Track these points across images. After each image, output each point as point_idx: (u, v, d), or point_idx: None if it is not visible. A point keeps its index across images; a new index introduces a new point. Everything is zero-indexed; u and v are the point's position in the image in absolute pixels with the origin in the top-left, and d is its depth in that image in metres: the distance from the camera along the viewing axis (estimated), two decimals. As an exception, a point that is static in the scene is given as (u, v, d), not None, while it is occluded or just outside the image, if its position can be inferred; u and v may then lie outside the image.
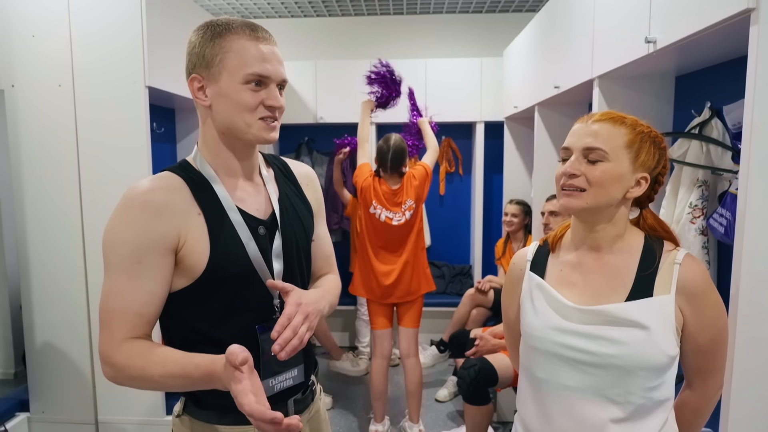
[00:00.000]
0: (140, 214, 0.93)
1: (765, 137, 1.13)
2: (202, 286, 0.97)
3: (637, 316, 0.97)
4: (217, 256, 0.96)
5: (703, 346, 1.02)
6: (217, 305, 0.99)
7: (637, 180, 1.02)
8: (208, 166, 1.02)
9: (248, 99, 0.96)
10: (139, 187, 0.96)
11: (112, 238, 0.94)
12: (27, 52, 2.13)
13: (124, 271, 0.93)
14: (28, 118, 2.16)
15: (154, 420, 2.26)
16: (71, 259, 2.19)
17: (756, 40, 1.12)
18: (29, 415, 2.30)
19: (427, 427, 2.88)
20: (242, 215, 1.01)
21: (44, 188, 2.18)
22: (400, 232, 2.72)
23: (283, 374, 1.04)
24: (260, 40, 0.98)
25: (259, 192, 1.07)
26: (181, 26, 2.44)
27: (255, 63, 0.96)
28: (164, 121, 2.88)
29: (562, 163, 1.04)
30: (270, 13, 4.16)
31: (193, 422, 1.05)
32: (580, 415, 1.01)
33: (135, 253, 0.92)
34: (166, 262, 0.95)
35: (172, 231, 0.94)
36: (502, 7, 4.13)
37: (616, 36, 1.80)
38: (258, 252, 1.01)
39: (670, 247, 1.05)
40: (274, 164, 1.16)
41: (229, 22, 0.99)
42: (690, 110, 1.81)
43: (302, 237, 1.11)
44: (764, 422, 1.21)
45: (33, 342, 2.25)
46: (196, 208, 0.98)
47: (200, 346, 0.98)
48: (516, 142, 3.74)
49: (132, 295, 0.93)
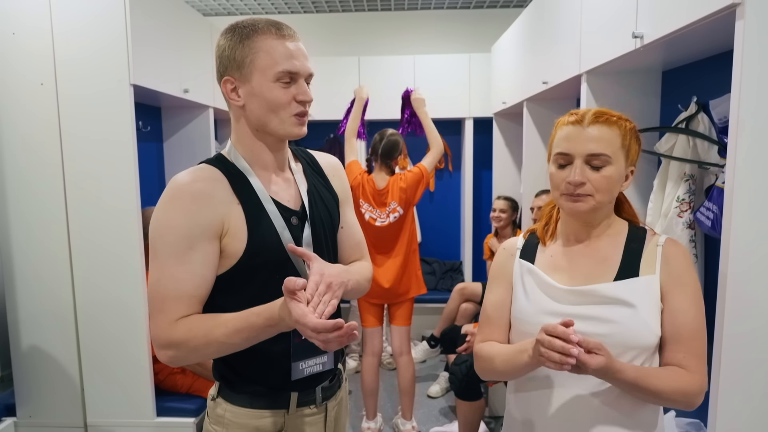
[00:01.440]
0: (189, 203, 0.99)
1: (751, 131, 1.14)
2: (239, 272, 1.03)
3: (624, 295, 1.01)
4: (254, 243, 1.02)
5: (681, 328, 1.02)
6: (253, 290, 1.04)
7: (626, 174, 1.07)
8: (242, 160, 1.08)
9: (281, 96, 1.01)
10: (184, 178, 1.02)
11: (163, 226, 0.99)
12: (7, 49, 2.08)
13: (177, 256, 0.98)
14: (11, 116, 2.11)
15: (144, 422, 2.24)
16: (56, 259, 2.15)
17: (742, 35, 1.12)
18: (16, 420, 2.27)
19: (419, 422, 2.88)
20: (277, 206, 1.07)
21: (28, 188, 2.14)
22: (386, 234, 2.67)
23: (314, 359, 1.09)
24: (286, 38, 1.02)
25: (290, 184, 1.13)
26: (167, 24, 2.41)
27: (284, 60, 1.00)
28: (151, 120, 2.84)
29: (560, 169, 1.05)
30: (257, 9, 4.13)
31: (227, 405, 1.10)
32: (571, 399, 1.04)
33: (186, 238, 0.98)
34: (214, 248, 1.01)
35: (217, 218, 1.00)
36: (489, 3, 4.13)
37: (604, 31, 1.80)
38: (291, 240, 1.06)
39: (651, 232, 1.10)
40: (302, 157, 1.21)
41: (255, 22, 1.03)
42: (677, 105, 1.82)
43: (329, 226, 1.16)
44: (751, 415, 1.22)
45: (18, 344, 2.22)
46: (235, 199, 1.03)
47: None
48: (505, 138, 3.75)
49: (184, 279, 0.98)
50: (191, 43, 2.68)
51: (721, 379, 1.22)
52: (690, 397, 1.00)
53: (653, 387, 0.98)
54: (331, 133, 4.21)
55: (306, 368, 1.09)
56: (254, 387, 1.08)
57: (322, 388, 1.15)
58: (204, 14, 4.07)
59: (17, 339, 2.21)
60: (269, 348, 1.03)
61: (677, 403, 1.01)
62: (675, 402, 1.01)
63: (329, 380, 1.17)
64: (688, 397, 1.00)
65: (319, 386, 1.14)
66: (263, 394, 1.07)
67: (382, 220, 2.67)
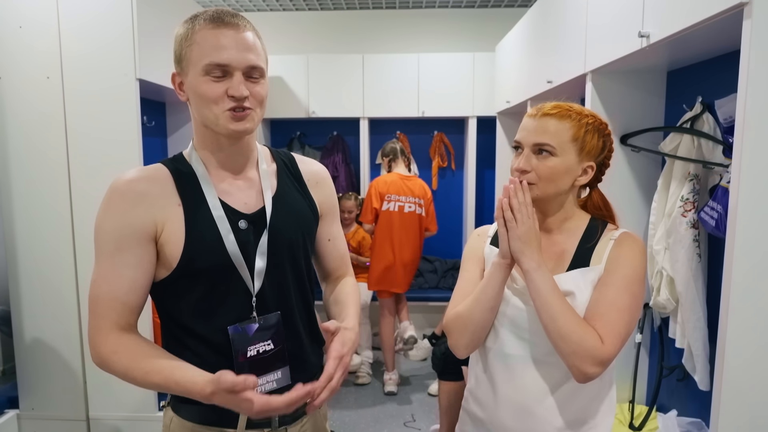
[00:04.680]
0: (119, 204, 0.96)
1: (757, 131, 1.14)
2: (180, 277, 0.98)
3: (566, 285, 1.05)
4: (192, 246, 0.96)
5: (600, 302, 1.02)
6: (196, 298, 0.99)
7: (584, 169, 1.08)
8: (198, 158, 1.03)
9: (208, 90, 0.94)
10: (122, 177, 0.98)
11: (97, 227, 0.97)
12: (14, 43, 2.09)
13: (108, 258, 0.95)
14: (16, 110, 2.12)
15: (145, 416, 2.25)
16: (60, 254, 2.17)
17: (749, 35, 1.12)
18: (19, 412, 2.28)
19: (419, 420, 2.90)
20: (224, 208, 1.00)
21: (33, 182, 2.15)
22: (409, 221, 3.15)
23: (264, 377, 1.01)
24: (222, 27, 0.94)
25: (251, 186, 1.05)
26: (173, 17, 2.41)
27: (212, 52, 0.93)
28: (155, 115, 2.85)
29: (516, 155, 1.10)
30: (262, 6, 4.13)
31: (173, 415, 1.05)
32: (522, 381, 1.09)
33: (116, 240, 0.95)
34: (147, 251, 0.96)
35: (148, 220, 0.96)
36: (494, 2, 4.13)
37: (609, 30, 1.80)
38: (236, 245, 0.99)
39: (612, 228, 1.13)
40: (281, 160, 1.14)
41: (198, 14, 0.97)
42: (681, 105, 1.82)
43: (296, 234, 1.07)
44: (753, 415, 1.22)
45: (22, 338, 2.23)
46: (176, 199, 0.98)
47: (186, 340, 1.00)
48: (508, 137, 3.74)
49: (115, 283, 0.95)
50: (196, 39, 2.69)
51: (723, 378, 1.22)
52: (586, 352, 0.96)
53: (558, 310, 0.98)
54: (335, 130, 4.21)
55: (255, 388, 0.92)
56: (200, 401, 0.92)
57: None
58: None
59: (21, 333, 2.22)
60: (216, 362, 0.95)
61: (570, 353, 0.98)
62: (568, 350, 0.98)
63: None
64: (584, 350, 0.96)
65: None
66: (210, 409, 0.92)
67: (409, 206, 3.15)
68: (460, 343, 1.12)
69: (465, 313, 1.10)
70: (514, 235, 1.02)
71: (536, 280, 1.01)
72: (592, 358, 0.97)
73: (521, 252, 1.02)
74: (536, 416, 1.07)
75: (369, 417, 2.94)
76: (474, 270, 1.19)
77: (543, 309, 1.00)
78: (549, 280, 1.01)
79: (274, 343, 1.03)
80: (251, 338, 1.01)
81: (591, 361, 0.97)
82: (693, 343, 1.68)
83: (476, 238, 1.25)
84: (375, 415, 2.96)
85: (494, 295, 1.07)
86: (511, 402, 1.10)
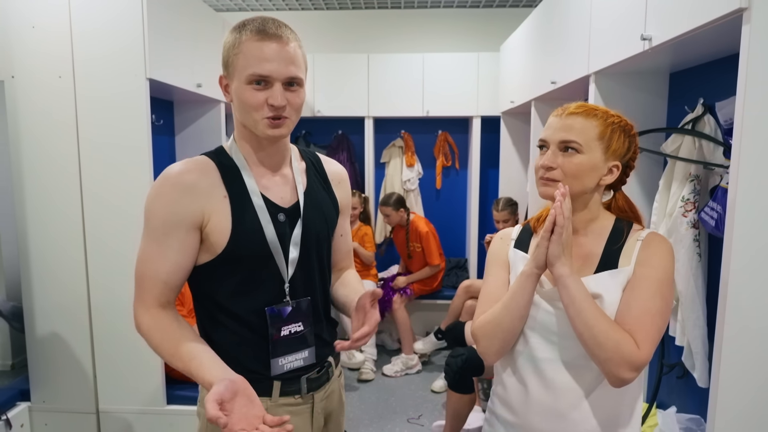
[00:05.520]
0: (170, 193, 1.04)
1: (755, 133, 1.16)
2: (223, 262, 1.06)
3: (593, 287, 1.04)
4: (237, 235, 1.05)
5: (632, 303, 1.01)
6: (235, 281, 1.08)
7: (609, 168, 1.08)
8: (239, 154, 1.12)
9: (250, 98, 1.02)
10: (175, 168, 1.07)
11: (147, 210, 1.05)
12: (27, 42, 2.13)
13: (155, 240, 1.04)
14: (29, 109, 2.16)
15: (155, 409, 2.29)
16: (71, 249, 2.20)
17: (748, 39, 1.15)
18: (30, 405, 2.32)
19: (422, 417, 2.93)
20: (265, 201, 1.09)
21: (44, 179, 2.19)
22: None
23: (294, 354, 1.12)
24: (266, 39, 1.01)
25: (287, 183, 1.15)
26: (181, 18, 2.45)
27: (256, 63, 1.00)
28: (163, 113, 2.88)
29: (541, 154, 1.10)
30: (268, 6, 4.16)
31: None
32: (552, 384, 1.08)
33: (163, 226, 1.03)
34: (192, 237, 1.05)
35: (196, 210, 1.04)
36: (499, 3, 4.15)
37: (613, 33, 1.83)
38: (275, 236, 1.08)
39: (638, 228, 1.12)
40: (308, 159, 1.23)
41: (245, 23, 1.05)
42: (683, 106, 1.84)
43: (323, 228, 1.18)
44: (750, 411, 1.25)
45: (34, 333, 2.27)
46: (222, 191, 1.07)
47: (222, 318, 1.10)
48: (512, 137, 3.77)
49: (159, 264, 1.04)
50: (204, 39, 2.72)
51: (721, 375, 1.25)
52: (622, 358, 0.96)
53: (593, 316, 0.98)
54: (340, 129, 4.25)
55: (286, 364, 1.11)
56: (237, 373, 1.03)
57: (307, 379, 1.15)
58: (216, 10, 4.10)
59: (32, 328, 2.27)
60: (251, 339, 1.09)
61: (606, 360, 0.97)
62: (604, 356, 0.97)
63: (316, 371, 1.17)
64: (620, 356, 0.96)
65: (303, 377, 1.14)
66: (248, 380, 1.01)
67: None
68: (490, 350, 1.12)
69: (494, 321, 1.10)
70: (557, 240, 1.00)
71: (570, 286, 1.00)
72: (629, 364, 0.96)
73: (558, 257, 1.00)
74: (568, 420, 1.07)
75: (372, 413, 2.98)
76: (499, 274, 1.19)
77: (577, 316, 0.99)
78: (582, 287, 1.00)
79: (304, 325, 1.14)
80: (285, 319, 1.11)
81: (628, 367, 0.96)
82: (692, 340, 1.71)
83: (499, 242, 1.24)
84: (379, 412, 3.00)
85: (524, 304, 1.07)
86: (542, 406, 1.09)
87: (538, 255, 1.03)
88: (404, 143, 4.28)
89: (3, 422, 2.19)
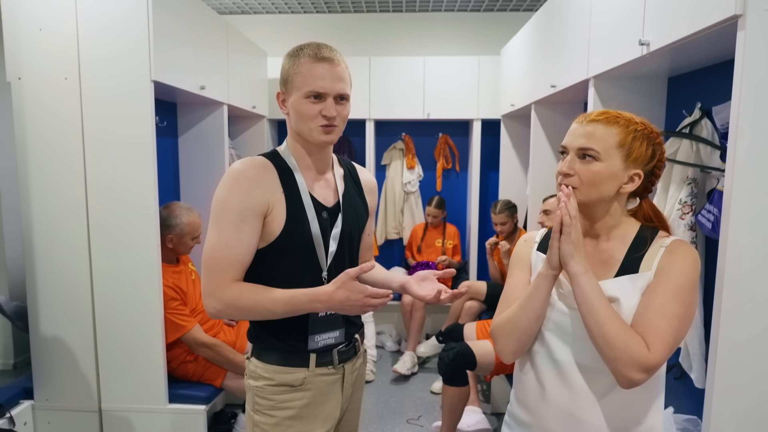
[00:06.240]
0: (245, 185, 1.21)
1: (750, 137, 1.19)
2: (274, 249, 1.25)
3: (611, 291, 1.04)
4: (289, 226, 1.25)
5: (648, 306, 1.01)
6: (281, 267, 1.27)
7: (630, 176, 1.07)
8: (292, 158, 1.31)
9: (307, 110, 1.23)
10: (243, 164, 1.24)
11: (224, 200, 1.21)
12: (34, 45, 2.16)
13: (232, 227, 1.20)
14: (35, 110, 2.19)
15: (157, 408, 2.31)
16: (76, 249, 2.22)
17: (743, 45, 1.17)
18: (33, 403, 2.34)
19: (422, 418, 2.94)
20: (312, 200, 1.28)
21: (50, 179, 2.21)
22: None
23: (327, 333, 1.32)
24: (321, 61, 1.22)
25: (329, 185, 1.35)
26: (186, 21, 2.48)
27: (312, 81, 1.21)
28: (166, 115, 2.91)
29: (562, 160, 1.11)
30: (270, 9, 4.19)
31: (258, 362, 1.32)
32: (569, 387, 1.09)
33: (240, 213, 1.20)
34: (259, 224, 1.23)
35: (264, 200, 1.23)
36: (500, 6, 4.18)
37: (612, 38, 1.85)
38: (319, 231, 1.28)
39: (663, 235, 1.11)
40: (345, 166, 1.44)
41: (303, 47, 1.25)
42: (681, 110, 1.87)
43: (356, 227, 1.38)
44: (746, 412, 1.27)
45: (38, 332, 2.29)
46: (279, 188, 1.26)
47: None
48: (512, 140, 3.80)
49: (237, 247, 1.20)
50: (208, 41, 2.75)
51: (716, 376, 1.27)
52: (631, 358, 0.96)
53: (604, 315, 0.98)
54: (341, 131, 4.26)
55: (320, 341, 1.31)
56: (280, 348, 1.30)
57: (338, 352, 1.34)
58: (219, 12, 4.13)
59: (36, 327, 2.29)
60: (293, 318, 1.24)
61: (614, 359, 0.97)
62: (612, 355, 0.97)
63: (345, 345, 1.36)
64: (628, 356, 0.96)
65: (335, 349, 1.34)
66: (287, 353, 1.29)
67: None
68: (507, 349, 1.14)
69: (511, 321, 1.11)
70: (567, 239, 1.01)
71: (583, 284, 1.00)
72: (637, 365, 0.96)
73: (571, 255, 1.01)
74: (583, 423, 1.07)
75: (372, 414, 2.99)
76: (521, 276, 1.21)
77: (588, 313, 1.00)
78: (595, 285, 1.01)
79: None
80: None
81: (636, 368, 0.96)
82: (689, 342, 1.73)
83: (523, 244, 1.26)
84: (378, 412, 3.01)
85: (540, 304, 1.08)
86: (558, 408, 1.10)
87: (551, 256, 1.05)
88: (405, 145, 4.31)
89: (6, 420, 2.20)
